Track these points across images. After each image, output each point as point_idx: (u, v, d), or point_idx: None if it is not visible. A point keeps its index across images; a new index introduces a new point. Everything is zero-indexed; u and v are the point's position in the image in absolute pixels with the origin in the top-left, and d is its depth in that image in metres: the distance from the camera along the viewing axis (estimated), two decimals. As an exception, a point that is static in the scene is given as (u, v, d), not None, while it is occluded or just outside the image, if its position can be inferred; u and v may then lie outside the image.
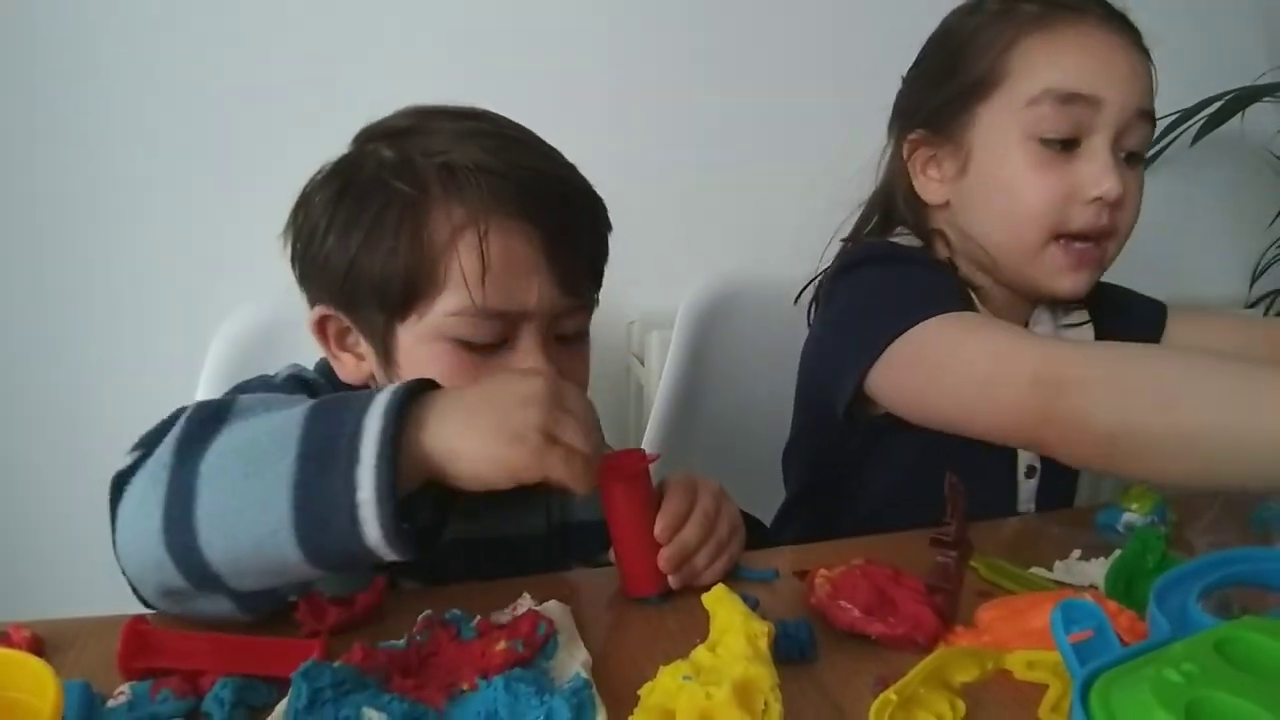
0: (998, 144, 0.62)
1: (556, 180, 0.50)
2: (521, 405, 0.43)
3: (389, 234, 0.48)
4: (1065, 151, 0.61)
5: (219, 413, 0.43)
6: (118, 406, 0.56)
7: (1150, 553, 0.51)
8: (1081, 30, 0.61)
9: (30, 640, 0.44)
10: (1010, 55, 0.62)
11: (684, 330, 0.91)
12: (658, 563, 0.49)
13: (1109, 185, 0.59)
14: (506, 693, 0.37)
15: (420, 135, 0.50)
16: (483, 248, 0.47)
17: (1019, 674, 0.43)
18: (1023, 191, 0.62)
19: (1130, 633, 0.44)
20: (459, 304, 0.48)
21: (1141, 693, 0.32)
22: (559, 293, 0.50)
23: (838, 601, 0.46)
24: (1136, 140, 0.62)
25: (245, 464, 0.40)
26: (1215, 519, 0.61)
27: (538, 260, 0.48)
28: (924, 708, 0.39)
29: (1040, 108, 0.60)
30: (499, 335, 0.50)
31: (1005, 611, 0.47)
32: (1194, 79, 1.19)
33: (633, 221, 1.11)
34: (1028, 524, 0.64)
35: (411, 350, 0.51)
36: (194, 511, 0.40)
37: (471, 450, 0.42)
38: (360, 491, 0.39)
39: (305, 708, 0.36)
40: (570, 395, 0.45)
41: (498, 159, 0.48)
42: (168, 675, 0.40)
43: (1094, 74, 0.60)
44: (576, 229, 0.50)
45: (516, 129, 0.53)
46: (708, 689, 0.35)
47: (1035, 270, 0.63)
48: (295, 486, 0.39)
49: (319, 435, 0.40)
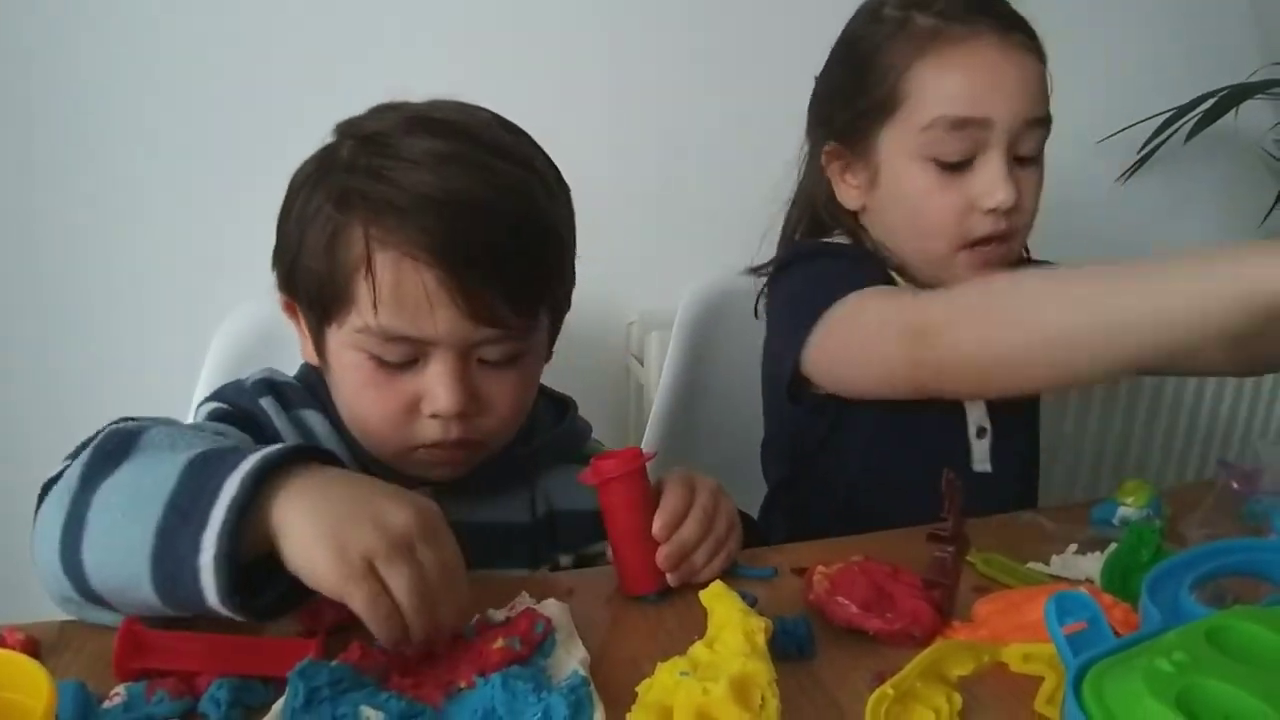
0: (899, 163, 0.67)
1: (490, 214, 0.48)
2: (372, 524, 0.39)
3: (321, 239, 0.49)
4: (961, 169, 0.65)
5: (125, 444, 0.44)
6: (117, 407, 0.56)
7: (1145, 546, 0.52)
8: (971, 49, 0.64)
9: (25, 643, 0.44)
10: (905, 80, 0.65)
11: (683, 330, 0.91)
12: (656, 561, 0.50)
13: (1002, 196, 0.63)
14: (504, 690, 0.37)
15: (380, 146, 0.50)
16: (373, 277, 0.47)
17: (1015, 667, 0.43)
18: (925, 209, 0.66)
19: (1125, 625, 0.44)
20: (363, 323, 0.49)
21: (1133, 682, 0.32)
22: (470, 324, 0.49)
23: (836, 598, 0.46)
24: (1029, 146, 0.65)
25: (127, 504, 0.41)
26: (1209, 512, 0.61)
27: (440, 293, 0.47)
28: (921, 701, 0.39)
29: (933, 132, 0.64)
30: (408, 356, 0.50)
31: (1002, 605, 0.47)
32: (1187, 76, 1.20)
33: (632, 222, 1.13)
34: (1024, 519, 0.64)
35: (336, 354, 0.52)
36: (82, 541, 0.42)
37: (296, 539, 0.40)
38: (202, 555, 0.39)
39: (302, 706, 0.36)
40: (436, 547, 0.41)
41: (436, 189, 0.47)
42: (163, 676, 0.40)
43: (982, 96, 0.63)
44: (497, 263, 0.48)
45: (486, 152, 0.51)
46: (705, 685, 0.35)
47: (948, 276, 0.67)
48: (156, 536, 0.40)
49: (187, 489, 0.40)
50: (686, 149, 1.10)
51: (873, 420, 0.68)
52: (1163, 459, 1.33)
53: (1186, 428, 1.32)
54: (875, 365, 0.60)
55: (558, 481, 0.61)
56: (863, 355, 0.61)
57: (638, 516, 0.50)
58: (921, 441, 0.69)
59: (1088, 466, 1.29)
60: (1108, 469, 1.29)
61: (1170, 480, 1.31)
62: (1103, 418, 1.28)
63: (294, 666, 0.38)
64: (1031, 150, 0.66)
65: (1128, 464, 1.30)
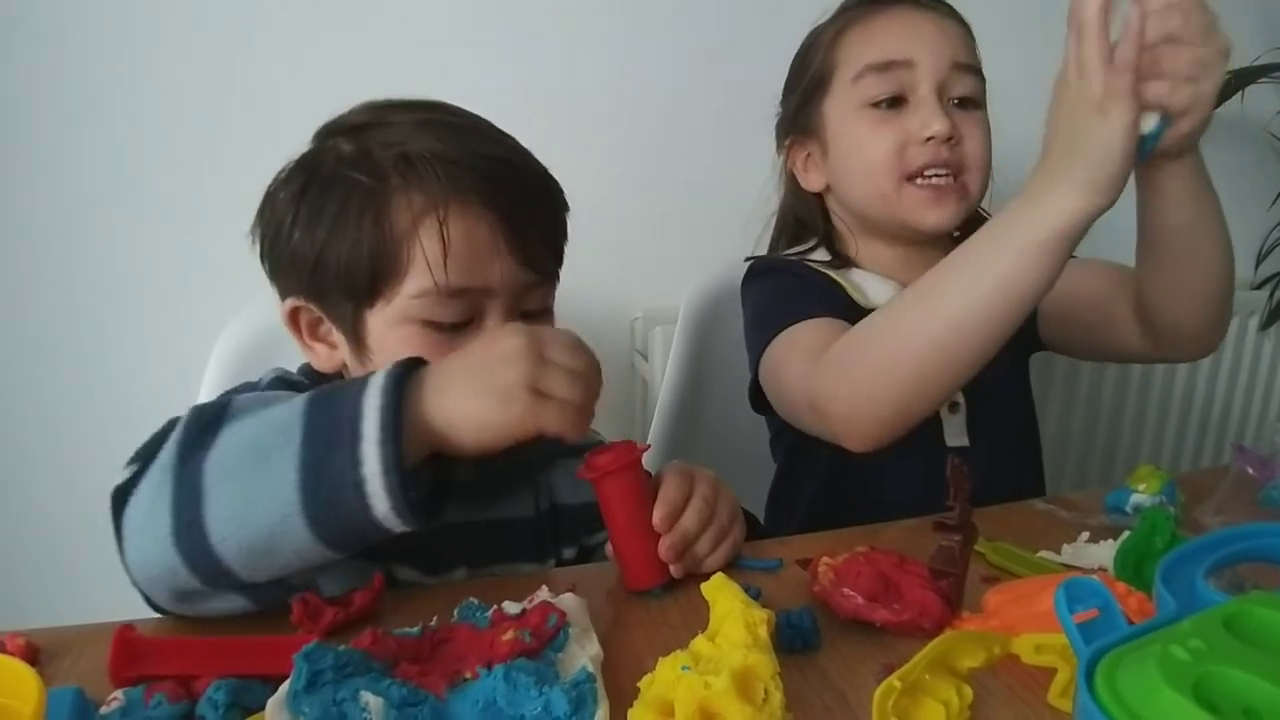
0: (842, 121, 0.72)
1: (510, 165, 0.52)
2: (504, 364, 0.43)
3: (352, 224, 0.50)
4: (896, 108, 0.69)
5: (218, 415, 0.44)
6: (121, 411, 0.56)
7: (1159, 533, 0.50)
8: (890, 14, 0.71)
9: (25, 648, 0.44)
10: (835, 49, 0.72)
11: (687, 326, 0.91)
12: (658, 552, 0.49)
13: (937, 126, 0.67)
14: (505, 682, 0.37)
15: (378, 129, 0.52)
16: (443, 231, 0.48)
17: (1027, 658, 0.42)
18: (866, 149, 0.70)
19: (1140, 614, 0.43)
20: (423, 286, 0.49)
21: (1148, 671, 0.31)
22: (521, 269, 0.51)
23: (841, 589, 0.45)
24: (963, 88, 0.69)
25: (251, 458, 0.41)
26: (1225, 498, 0.60)
27: (496, 240, 0.50)
28: (930, 694, 0.38)
29: (864, 80, 0.70)
30: (465, 314, 0.51)
31: (1012, 595, 0.46)
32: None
33: (636, 219, 1.12)
34: (1035, 508, 0.63)
35: (382, 335, 0.52)
36: (203, 511, 0.41)
37: (468, 417, 0.43)
38: (365, 466, 0.40)
39: (304, 688, 0.36)
40: (552, 344, 0.45)
41: (453, 147, 0.50)
42: (161, 680, 0.40)
43: (902, 42, 0.69)
44: (533, 209, 0.52)
45: (471, 118, 0.55)
46: (706, 679, 0.35)
47: (902, 212, 0.70)
48: (301, 469, 0.40)
49: (322, 420, 0.42)
50: (690, 146, 1.10)
51: None
52: (1176, 446, 1.31)
53: (1201, 415, 1.30)
54: (793, 418, 0.66)
55: (559, 475, 0.62)
56: (783, 405, 0.67)
57: (636, 510, 0.49)
58: None
59: (1100, 455, 1.27)
60: (1121, 457, 1.28)
61: (1185, 468, 1.30)
62: (1115, 405, 1.26)
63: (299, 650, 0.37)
64: (967, 93, 0.70)
65: (1141, 452, 1.28)
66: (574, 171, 1.14)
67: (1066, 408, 1.26)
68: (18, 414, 0.96)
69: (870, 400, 0.55)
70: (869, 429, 0.56)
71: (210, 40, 0.94)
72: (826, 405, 0.58)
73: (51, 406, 0.97)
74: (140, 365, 0.97)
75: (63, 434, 0.89)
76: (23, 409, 0.96)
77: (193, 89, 0.94)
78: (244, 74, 0.95)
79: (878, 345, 0.56)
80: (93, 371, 0.97)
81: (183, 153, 0.96)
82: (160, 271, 0.97)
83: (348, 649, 0.39)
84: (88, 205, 0.95)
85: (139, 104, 0.94)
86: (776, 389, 0.67)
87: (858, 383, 0.56)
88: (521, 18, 1.02)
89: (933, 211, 0.69)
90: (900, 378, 0.54)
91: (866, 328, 0.57)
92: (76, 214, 0.95)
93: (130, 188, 0.95)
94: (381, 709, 0.36)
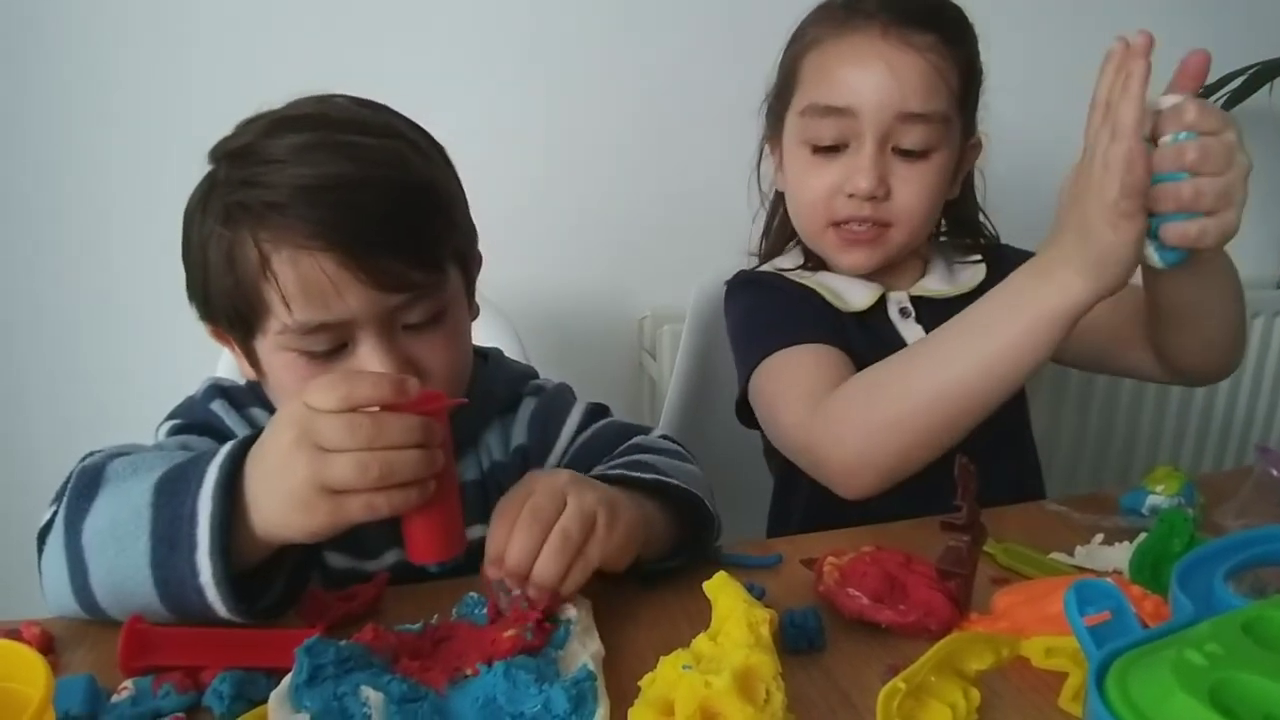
0: (790, 147, 0.72)
1: (359, 190, 0.49)
2: (285, 465, 0.41)
3: (216, 267, 0.51)
4: (834, 152, 0.68)
5: (94, 480, 0.46)
6: (136, 408, 0.58)
7: (1177, 536, 0.49)
8: (850, 42, 0.67)
9: (40, 637, 0.45)
10: (798, 68, 0.71)
11: (695, 325, 0.90)
12: (451, 522, 0.44)
13: (861, 184, 0.66)
14: (505, 679, 0.37)
15: (248, 156, 0.50)
16: (277, 278, 0.48)
17: (1037, 661, 0.41)
18: (800, 189, 0.71)
19: (1155, 618, 0.42)
20: (281, 324, 0.50)
21: (1162, 675, 0.30)
22: (379, 295, 0.49)
23: (846, 589, 0.45)
24: (910, 140, 0.66)
25: (112, 541, 0.44)
26: (1247, 501, 0.58)
27: (341, 275, 0.48)
28: (936, 696, 0.38)
29: (806, 119, 0.69)
30: (334, 343, 0.51)
31: (1023, 597, 0.45)
32: (1215, 53, 1.15)
33: (643, 217, 1.12)
34: (1047, 509, 0.62)
35: (268, 362, 0.53)
36: (89, 580, 0.44)
37: (283, 525, 0.42)
38: (201, 575, 0.42)
39: (306, 682, 0.36)
40: (326, 428, 0.40)
41: (299, 181, 0.48)
42: (170, 671, 0.40)
43: (850, 88, 0.66)
44: (385, 229, 0.49)
45: (344, 130, 0.51)
46: (707, 678, 0.34)
47: (822, 250, 0.72)
48: (154, 568, 0.42)
49: (165, 514, 0.43)
50: (698, 145, 1.09)
51: None
52: (1197, 448, 1.29)
53: (1223, 416, 1.27)
54: (787, 454, 0.65)
55: (494, 433, 0.62)
56: (777, 440, 0.66)
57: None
58: None
59: (1117, 457, 1.25)
60: (1139, 460, 1.25)
61: (1206, 471, 1.27)
62: (1132, 406, 1.24)
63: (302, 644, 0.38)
64: (913, 144, 0.66)
65: (1160, 454, 1.26)
66: (582, 171, 1.13)
67: (1082, 409, 1.24)
68: (28, 410, 0.98)
69: (873, 453, 0.56)
70: (868, 480, 0.57)
71: (223, 48, 0.94)
72: (826, 456, 0.58)
73: (61, 403, 0.98)
74: (159, 359, 0.98)
75: (83, 432, 0.90)
76: (31, 404, 0.98)
77: (203, 90, 0.95)
78: (250, 78, 0.96)
79: (884, 401, 0.56)
80: (116, 368, 0.99)
81: (192, 157, 0.96)
82: (173, 278, 0.98)
83: (349, 644, 0.39)
84: (88, 206, 0.96)
85: (145, 105, 0.95)
86: (771, 425, 0.66)
87: (861, 437, 0.56)
88: (528, 18, 1.02)
89: (847, 256, 0.70)
90: (906, 431, 0.55)
91: (870, 382, 0.58)
92: (78, 213, 0.96)
93: (134, 189, 0.96)
94: (382, 704, 0.36)
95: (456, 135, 0.56)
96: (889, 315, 0.72)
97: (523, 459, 0.61)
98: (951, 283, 0.74)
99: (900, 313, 0.72)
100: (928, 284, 0.74)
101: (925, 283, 0.74)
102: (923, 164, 0.68)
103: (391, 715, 0.36)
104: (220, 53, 0.95)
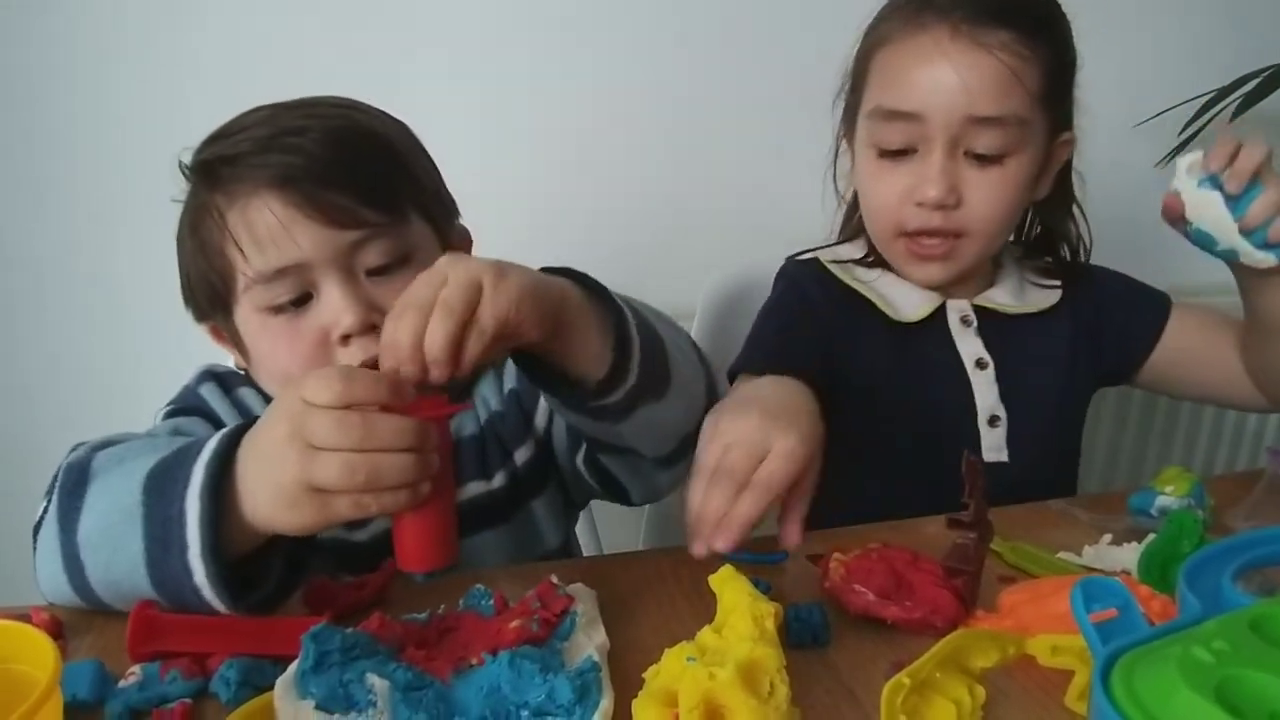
0: (859, 148, 0.70)
1: (305, 136, 0.51)
2: (277, 457, 0.39)
3: (188, 244, 0.53)
4: (902, 156, 0.66)
5: (82, 478, 0.46)
6: (142, 401, 0.59)
7: (1187, 537, 0.49)
8: (921, 44, 0.64)
9: (49, 622, 0.45)
10: (867, 67, 0.68)
11: (704, 322, 0.90)
12: (444, 531, 0.42)
13: (930, 192, 0.64)
14: (510, 669, 0.37)
15: (219, 134, 0.53)
16: (230, 227, 0.50)
17: (1043, 659, 0.41)
18: (867, 194, 0.69)
19: (1163, 618, 0.41)
20: (245, 280, 0.51)
21: (1167, 672, 0.30)
22: (331, 231, 0.50)
23: (852, 585, 0.45)
24: (983, 144, 0.64)
25: (108, 543, 0.44)
26: (1258, 503, 0.58)
27: (291, 213, 0.49)
28: (941, 693, 0.38)
29: (874, 122, 0.66)
30: (297, 290, 0.51)
31: (1029, 595, 0.45)
32: (1229, 56, 1.15)
33: (653, 215, 1.12)
34: (1055, 508, 0.61)
35: (246, 329, 0.54)
36: (87, 576, 0.45)
37: (274, 521, 0.41)
38: (195, 576, 0.42)
39: (312, 669, 0.37)
40: (318, 424, 0.38)
41: (255, 134, 0.50)
42: (177, 657, 0.41)
43: (916, 92, 0.63)
44: (332, 168, 0.50)
45: (309, 102, 0.54)
46: (711, 670, 0.34)
47: (893, 258, 0.70)
48: (149, 568, 0.43)
49: (156, 513, 0.42)
50: (708, 143, 1.09)
51: (861, 407, 0.66)
52: (1210, 450, 1.27)
53: (1236, 419, 1.26)
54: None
55: (488, 384, 0.63)
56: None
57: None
58: (924, 427, 0.68)
59: (1128, 458, 1.24)
60: (1150, 461, 1.24)
61: (1218, 474, 1.26)
62: (1144, 407, 1.23)
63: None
64: (986, 148, 0.64)
65: (1172, 456, 1.25)
66: (592, 167, 1.13)
67: (1094, 409, 1.23)
68: (34, 401, 0.99)
69: None
70: None
71: (224, 48, 0.95)
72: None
73: (67, 394, 0.99)
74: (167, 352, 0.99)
75: (79, 423, 0.91)
76: (37, 392, 0.99)
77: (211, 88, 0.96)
78: (254, 80, 0.96)
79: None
80: (107, 360, 0.99)
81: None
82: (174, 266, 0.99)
83: (355, 632, 0.39)
84: (97, 201, 0.97)
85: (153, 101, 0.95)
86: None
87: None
88: (537, 18, 1.02)
89: (918, 270, 0.68)
90: None
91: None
92: (87, 208, 0.97)
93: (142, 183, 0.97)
94: (387, 691, 0.36)
95: (468, 135, 0.57)
96: (947, 323, 0.69)
97: (516, 401, 0.62)
98: (1021, 299, 0.71)
99: (961, 321, 0.70)
100: (995, 295, 0.71)
101: (993, 293, 0.71)
102: (997, 169, 0.64)
103: (396, 703, 0.36)
104: (230, 48, 0.95)
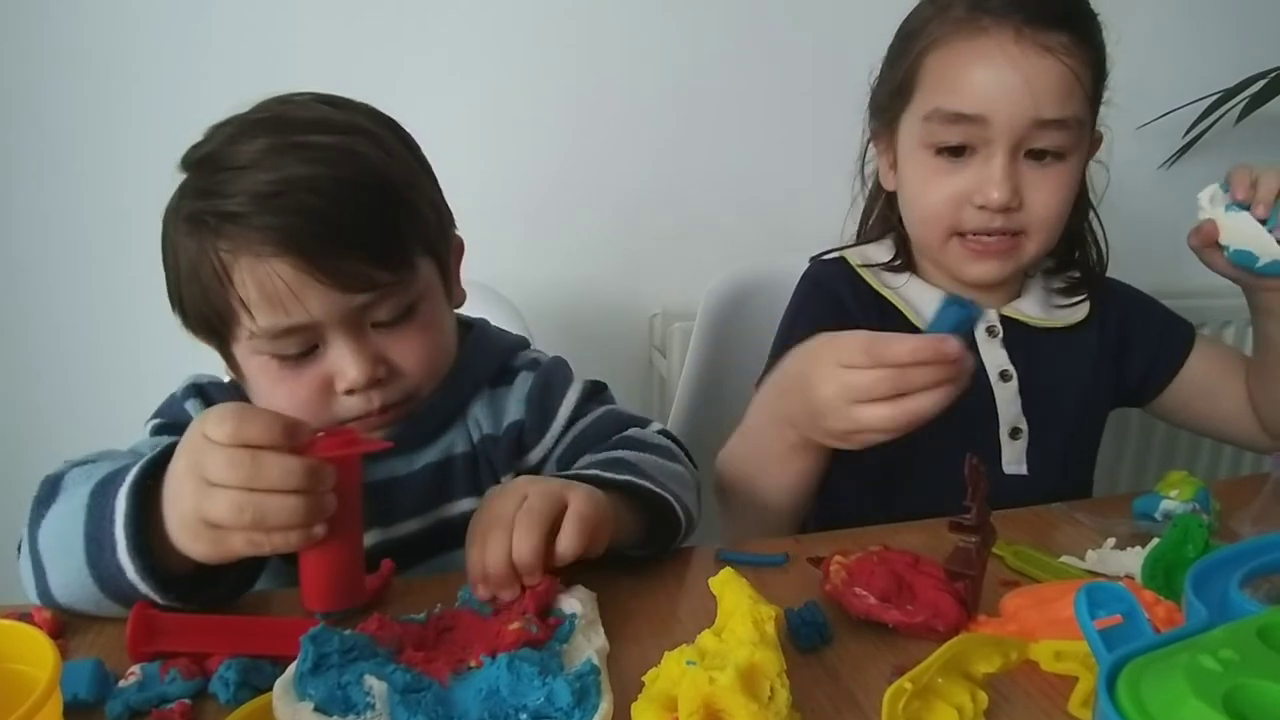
0: (909, 151, 0.68)
1: (312, 193, 0.49)
2: (177, 490, 0.42)
3: (188, 270, 0.51)
4: (960, 158, 0.65)
5: (52, 489, 0.48)
6: (146, 408, 0.59)
7: (1191, 542, 0.49)
8: (979, 45, 0.63)
9: (50, 622, 0.45)
10: (919, 68, 0.66)
11: (705, 323, 0.90)
12: (349, 570, 0.44)
13: (994, 195, 0.63)
14: (509, 671, 0.37)
15: (211, 165, 0.51)
16: (237, 286, 0.49)
17: (1046, 665, 0.41)
18: (920, 196, 0.68)
19: (1168, 624, 0.41)
20: (249, 330, 0.50)
21: (1174, 680, 0.30)
22: (341, 296, 0.49)
23: (853, 589, 0.44)
24: (1046, 142, 0.63)
25: (60, 545, 0.45)
26: (1264, 507, 0.57)
27: (300, 278, 0.48)
28: (943, 698, 0.37)
29: (931, 123, 0.65)
30: (305, 345, 0.51)
31: (1032, 599, 0.45)
32: (1234, 58, 1.14)
33: (655, 215, 1.12)
34: (1058, 512, 0.61)
35: (244, 365, 0.54)
36: (49, 584, 0.46)
37: (184, 548, 0.42)
38: (128, 573, 0.43)
39: (310, 670, 0.37)
40: (211, 461, 0.40)
41: (255, 188, 0.48)
42: (177, 657, 0.41)
43: (981, 94, 0.62)
44: (341, 230, 0.49)
45: (301, 130, 0.51)
46: (711, 674, 0.34)
47: (945, 260, 0.69)
48: (90, 568, 0.44)
49: (95, 517, 0.44)
50: (711, 144, 1.09)
51: None
52: (1214, 454, 1.27)
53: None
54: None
55: (482, 405, 0.62)
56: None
57: (337, 511, 0.42)
58: (945, 437, 0.67)
59: (1131, 463, 1.24)
60: (1154, 465, 1.24)
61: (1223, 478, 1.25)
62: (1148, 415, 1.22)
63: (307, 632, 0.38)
64: (1051, 146, 0.63)
65: (1176, 460, 1.24)
66: (596, 170, 1.13)
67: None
68: (39, 400, 0.99)
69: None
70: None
71: (225, 51, 0.95)
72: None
73: (73, 402, 0.99)
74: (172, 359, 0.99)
75: (97, 430, 0.92)
76: (42, 395, 0.99)
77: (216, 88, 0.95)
78: (256, 82, 0.97)
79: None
80: (113, 365, 1.00)
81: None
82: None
83: (354, 633, 0.39)
84: (102, 206, 0.97)
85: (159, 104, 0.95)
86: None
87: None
88: (547, 14, 1.02)
89: (974, 267, 0.67)
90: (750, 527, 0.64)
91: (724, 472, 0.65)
92: (92, 212, 0.97)
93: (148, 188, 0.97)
94: (385, 693, 0.36)
95: (472, 132, 0.57)
96: (973, 333, 0.68)
97: (519, 435, 0.61)
98: (1048, 312, 0.71)
99: (987, 332, 0.69)
100: (1023, 306, 0.71)
101: (1020, 304, 0.71)
102: (1056, 168, 0.64)
103: (395, 705, 0.36)
104: (235, 48, 0.95)
